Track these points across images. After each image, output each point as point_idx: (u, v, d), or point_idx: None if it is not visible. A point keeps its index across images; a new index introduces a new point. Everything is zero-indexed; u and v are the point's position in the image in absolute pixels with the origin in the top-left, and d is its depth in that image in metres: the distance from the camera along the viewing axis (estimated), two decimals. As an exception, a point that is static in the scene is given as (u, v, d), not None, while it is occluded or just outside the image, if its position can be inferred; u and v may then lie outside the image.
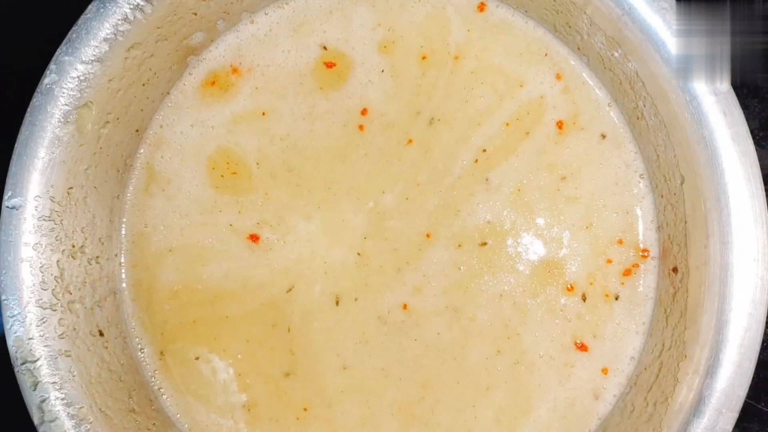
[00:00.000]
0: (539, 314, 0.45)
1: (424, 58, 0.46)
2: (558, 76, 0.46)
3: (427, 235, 0.45)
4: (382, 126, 0.46)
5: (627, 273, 0.45)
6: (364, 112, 0.46)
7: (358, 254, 0.45)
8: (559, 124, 0.46)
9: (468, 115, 0.46)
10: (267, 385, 0.45)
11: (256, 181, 0.46)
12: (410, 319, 0.45)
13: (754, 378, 0.39)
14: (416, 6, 0.46)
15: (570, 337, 0.45)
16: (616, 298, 0.45)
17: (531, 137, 0.46)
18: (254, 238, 0.46)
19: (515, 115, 0.46)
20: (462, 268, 0.45)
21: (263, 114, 0.46)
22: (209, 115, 0.46)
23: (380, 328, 0.45)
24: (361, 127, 0.46)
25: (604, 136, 0.46)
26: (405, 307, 0.45)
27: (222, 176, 0.46)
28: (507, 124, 0.46)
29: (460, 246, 0.45)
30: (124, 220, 0.46)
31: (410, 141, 0.46)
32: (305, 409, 0.45)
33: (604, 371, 0.45)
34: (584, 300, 0.45)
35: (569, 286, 0.45)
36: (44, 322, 0.40)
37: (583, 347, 0.45)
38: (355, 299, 0.45)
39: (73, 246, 0.43)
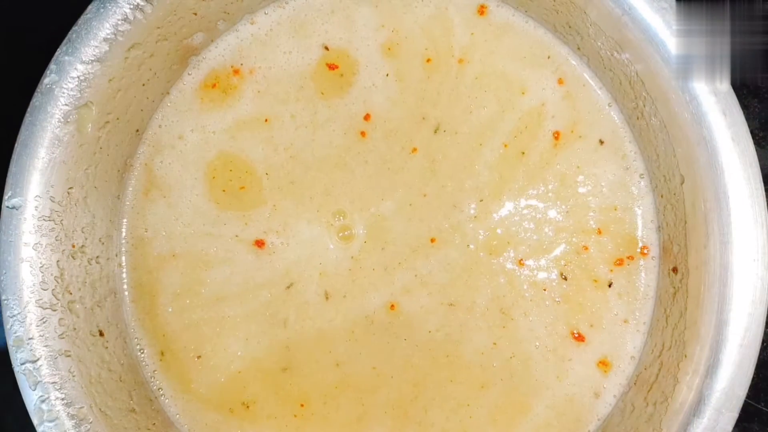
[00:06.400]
0: (534, 302, 0.45)
1: (428, 60, 0.46)
2: (560, 81, 0.46)
3: (432, 240, 0.45)
4: (384, 132, 0.46)
5: (619, 263, 0.45)
6: (366, 117, 0.46)
7: (352, 258, 0.45)
8: (560, 128, 0.45)
9: (472, 127, 0.46)
10: (265, 382, 0.45)
11: (265, 194, 0.46)
12: (398, 319, 0.45)
13: (754, 378, 0.39)
14: (419, 6, 0.46)
15: (565, 325, 0.45)
16: (609, 285, 0.45)
17: (534, 140, 0.46)
18: (260, 243, 0.46)
19: (519, 121, 0.45)
20: (457, 268, 0.45)
21: (266, 121, 0.46)
22: (210, 120, 0.46)
23: (368, 327, 0.45)
24: (362, 134, 0.46)
25: (603, 139, 0.46)
26: (393, 306, 0.45)
27: (224, 190, 0.46)
28: (511, 132, 0.45)
29: (456, 247, 0.45)
30: (125, 221, 0.46)
31: (414, 149, 0.46)
32: (302, 405, 0.45)
33: (604, 371, 0.45)
34: (565, 280, 0.45)
35: (564, 275, 0.45)
36: (44, 322, 0.40)
37: (579, 337, 0.45)
38: (344, 296, 0.45)
39: (74, 246, 0.43)
